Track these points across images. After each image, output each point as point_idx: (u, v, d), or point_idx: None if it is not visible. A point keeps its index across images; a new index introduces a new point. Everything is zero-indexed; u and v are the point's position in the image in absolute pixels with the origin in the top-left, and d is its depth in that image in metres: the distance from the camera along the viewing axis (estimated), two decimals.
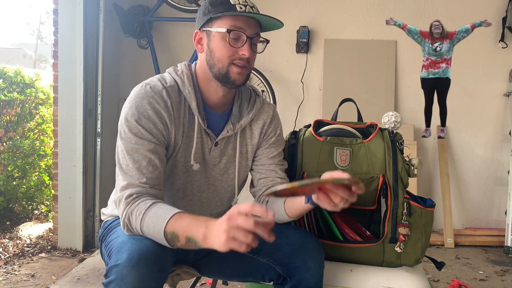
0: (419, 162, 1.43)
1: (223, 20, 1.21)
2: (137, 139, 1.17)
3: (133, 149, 1.17)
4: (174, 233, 1.05)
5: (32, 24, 58.13)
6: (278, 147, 1.39)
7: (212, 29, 1.23)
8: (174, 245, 1.08)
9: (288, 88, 3.56)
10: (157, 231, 1.06)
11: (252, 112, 1.34)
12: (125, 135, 1.19)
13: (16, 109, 3.56)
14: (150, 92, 1.21)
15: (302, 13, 3.54)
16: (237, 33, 1.21)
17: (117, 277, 1.02)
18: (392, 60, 3.51)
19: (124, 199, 1.13)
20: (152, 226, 1.07)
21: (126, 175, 1.16)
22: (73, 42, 2.91)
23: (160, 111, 1.20)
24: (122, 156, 1.18)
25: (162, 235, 1.06)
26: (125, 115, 1.19)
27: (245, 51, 1.21)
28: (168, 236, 1.06)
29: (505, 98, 3.49)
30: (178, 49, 3.56)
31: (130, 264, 1.02)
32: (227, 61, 1.22)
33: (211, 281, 1.64)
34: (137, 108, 1.19)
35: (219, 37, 1.22)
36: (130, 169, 1.16)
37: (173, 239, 1.06)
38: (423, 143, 3.54)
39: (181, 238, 1.05)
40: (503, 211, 3.40)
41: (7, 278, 2.52)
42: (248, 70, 1.26)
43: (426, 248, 1.40)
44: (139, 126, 1.18)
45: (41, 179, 3.72)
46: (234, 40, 1.21)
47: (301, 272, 1.23)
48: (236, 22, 1.21)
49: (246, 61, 1.23)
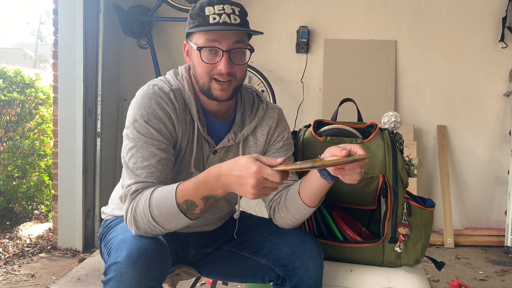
0: (419, 162, 1.42)
1: (197, 35, 1.17)
2: (146, 139, 1.13)
3: (143, 148, 1.12)
4: (188, 201, 1.02)
5: (32, 24, 58.22)
6: (287, 151, 1.35)
7: (191, 44, 1.19)
8: (192, 214, 1.04)
9: (288, 88, 3.56)
10: (169, 206, 1.03)
11: (254, 121, 1.30)
12: (133, 136, 1.14)
13: (16, 109, 3.56)
14: (158, 92, 1.18)
15: (302, 13, 3.54)
16: (212, 48, 1.14)
17: (116, 274, 1.01)
18: (392, 60, 3.51)
19: (129, 194, 1.09)
20: (163, 205, 1.04)
21: (133, 174, 1.11)
22: (73, 42, 2.91)
23: (169, 112, 1.18)
24: (130, 156, 1.13)
25: (176, 208, 1.03)
26: (133, 116, 1.15)
27: (221, 66, 1.14)
28: (183, 207, 1.03)
29: (505, 98, 3.49)
30: (178, 49, 3.56)
31: (129, 262, 1.01)
32: (207, 77, 1.17)
33: (211, 281, 1.64)
34: (146, 108, 1.15)
35: (196, 53, 1.17)
36: (138, 167, 1.11)
37: (190, 207, 1.03)
38: (423, 143, 3.54)
39: (198, 202, 1.03)
40: (503, 211, 3.40)
41: (7, 278, 2.52)
42: (233, 84, 1.19)
43: (426, 248, 1.40)
44: (149, 126, 1.14)
45: (41, 179, 3.72)
46: (209, 55, 1.15)
47: (300, 273, 1.22)
48: (209, 35, 1.14)
49: (227, 75, 1.16)
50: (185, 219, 1.05)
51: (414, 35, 3.51)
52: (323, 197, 1.24)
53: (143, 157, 1.12)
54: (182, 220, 1.06)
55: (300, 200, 1.23)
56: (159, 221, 1.06)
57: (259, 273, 1.31)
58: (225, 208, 1.38)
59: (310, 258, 1.23)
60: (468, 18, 3.49)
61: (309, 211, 1.24)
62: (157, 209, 1.05)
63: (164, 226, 1.07)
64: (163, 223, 1.06)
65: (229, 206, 1.40)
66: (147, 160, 1.12)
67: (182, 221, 1.06)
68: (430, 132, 3.54)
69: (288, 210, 1.27)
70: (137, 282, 1.01)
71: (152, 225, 1.07)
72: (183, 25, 3.51)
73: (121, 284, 1.00)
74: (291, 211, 1.26)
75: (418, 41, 3.51)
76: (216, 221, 1.39)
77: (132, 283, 1.00)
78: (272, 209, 1.32)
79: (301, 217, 1.27)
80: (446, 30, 3.50)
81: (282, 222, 1.30)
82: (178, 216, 1.05)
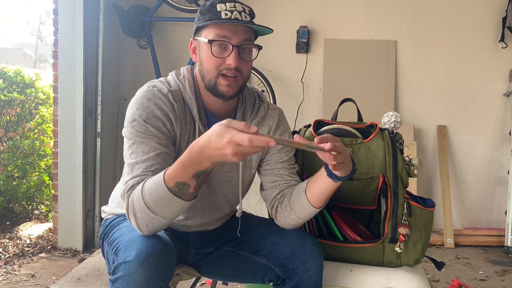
0: (419, 162, 1.43)
1: (208, 29, 1.18)
2: (145, 135, 1.14)
3: (143, 142, 1.13)
4: (178, 183, 1.02)
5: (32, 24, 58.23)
6: (289, 152, 1.35)
7: (200, 39, 1.20)
8: (187, 195, 1.04)
9: (288, 88, 3.56)
10: (161, 192, 1.03)
11: (255, 120, 1.31)
12: (132, 134, 1.15)
13: (16, 109, 3.56)
14: (157, 93, 1.19)
15: (302, 13, 3.54)
16: (222, 42, 1.16)
17: (125, 273, 1.01)
18: (392, 60, 3.51)
19: (126, 191, 1.09)
20: (155, 193, 1.03)
21: (134, 168, 1.12)
22: (73, 42, 2.91)
23: (167, 112, 1.19)
24: (131, 152, 1.14)
25: (168, 192, 1.02)
26: (132, 115, 1.16)
27: (230, 60, 1.16)
28: (176, 189, 1.02)
29: (505, 98, 3.49)
30: (178, 49, 3.56)
31: (138, 262, 1.01)
32: (215, 72, 1.18)
33: (211, 281, 1.64)
34: (145, 108, 1.17)
35: (206, 47, 1.19)
36: (138, 161, 1.12)
37: (182, 188, 1.02)
38: (423, 143, 3.54)
39: (190, 181, 1.02)
40: (503, 211, 3.40)
41: (7, 278, 2.52)
42: (240, 80, 1.20)
43: (426, 248, 1.40)
44: (148, 124, 1.15)
45: (41, 179, 3.72)
46: (219, 50, 1.17)
47: (300, 274, 1.22)
48: (221, 30, 1.16)
49: (235, 70, 1.18)
50: (180, 201, 1.04)
51: (414, 35, 3.51)
52: (329, 198, 1.24)
53: (143, 151, 1.13)
54: (178, 204, 1.04)
55: (306, 199, 1.23)
56: (156, 211, 1.05)
57: (259, 273, 1.31)
58: (226, 208, 1.38)
59: (310, 259, 1.23)
60: (468, 18, 3.49)
61: (314, 211, 1.25)
62: (150, 198, 1.04)
63: (163, 214, 1.06)
64: (160, 211, 1.05)
65: (230, 207, 1.40)
66: (146, 154, 1.12)
67: (178, 204, 1.04)
68: (430, 132, 3.54)
69: (292, 209, 1.27)
70: (146, 282, 1.01)
71: (150, 217, 1.06)
72: (183, 25, 3.55)
73: (130, 283, 1.01)
74: (296, 211, 1.26)
75: (418, 41, 3.51)
76: (216, 220, 1.40)
77: (140, 282, 1.01)
78: (275, 208, 1.33)
79: (305, 217, 1.27)
80: (446, 30, 3.50)
81: (285, 221, 1.30)
82: (173, 200, 1.04)
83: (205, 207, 1.33)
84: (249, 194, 1.43)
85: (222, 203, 1.35)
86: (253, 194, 3.16)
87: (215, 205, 1.34)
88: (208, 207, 1.34)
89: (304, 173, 1.43)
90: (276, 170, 1.34)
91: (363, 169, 1.39)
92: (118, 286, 1.02)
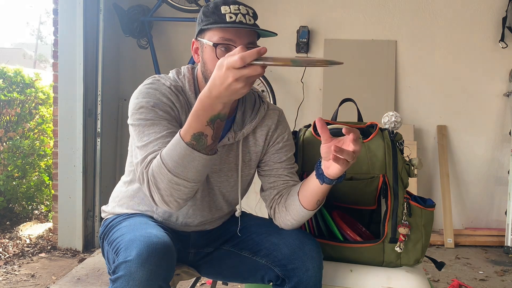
0: (419, 162, 1.43)
1: (213, 32, 1.18)
2: (155, 118, 1.14)
3: (154, 124, 1.13)
4: (195, 134, 1.01)
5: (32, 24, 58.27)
6: (288, 152, 1.35)
7: (204, 41, 1.20)
8: (206, 148, 1.03)
9: (288, 88, 3.56)
10: (180, 149, 1.02)
11: (255, 120, 1.31)
12: (140, 121, 1.14)
13: (16, 109, 3.56)
14: (162, 85, 1.21)
15: (302, 13, 3.54)
16: (226, 45, 1.16)
17: (126, 273, 1.01)
18: (392, 60, 3.51)
19: (145, 167, 1.08)
20: (174, 153, 1.02)
21: (146, 147, 1.11)
22: (73, 42, 2.91)
23: (173, 101, 1.20)
24: (141, 136, 1.13)
25: (187, 148, 1.01)
26: (139, 103, 1.16)
27: None
28: (194, 142, 1.02)
29: (505, 98, 3.49)
30: (178, 49, 3.56)
31: (139, 261, 1.01)
32: None
33: (211, 281, 1.64)
34: (151, 96, 1.17)
35: (210, 50, 1.18)
36: (152, 140, 1.11)
37: (200, 140, 1.02)
38: (423, 143, 3.54)
39: (206, 130, 1.01)
40: (503, 211, 3.40)
41: (7, 278, 2.52)
42: None
43: (426, 248, 1.40)
44: (156, 109, 1.15)
45: (41, 179, 3.72)
46: (223, 53, 1.15)
47: (299, 274, 1.22)
48: (225, 33, 1.16)
49: None
50: (201, 156, 1.03)
51: (414, 35, 3.51)
52: (320, 201, 1.24)
53: (155, 132, 1.12)
54: (199, 160, 1.03)
55: (298, 201, 1.24)
56: (178, 173, 1.04)
57: (258, 273, 1.31)
58: (225, 208, 1.38)
59: (310, 259, 1.23)
60: (468, 18, 3.49)
61: (307, 213, 1.25)
62: (170, 160, 1.03)
63: (186, 176, 1.04)
64: (183, 173, 1.04)
65: (229, 206, 1.40)
66: (159, 133, 1.12)
67: (200, 160, 1.03)
68: (430, 132, 3.54)
69: (287, 211, 1.28)
70: (146, 281, 1.01)
71: (174, 182, 1.05)
72: (183, 25, 3.54)
73: (130, 282, 1.01)
74: (290, 213, 1.27)
75: (418, 41, 3.51)
76: (216, 220, 1.40)
77: (141, 282, 1.01)
78: (273, 209, 1.33)
79: (299, 219, 1.27)
80: (446, 30, 3.50)
81: (282, 222, 1.31)
82: (193, 156, 1.02)
83: (205, 206, 1.33)
84: (249, 194, 1.43)
85: (222, 202, 1.35)
86: (253, 194, 3.15)
87: (214, 204, 1.35)
88: (208, 206, 1.34)
89: (304, 173, 1.43)
90: (274, 170, 1.34)
91: (363, 169, 1.39)
92: (119, 286, 1.02)
